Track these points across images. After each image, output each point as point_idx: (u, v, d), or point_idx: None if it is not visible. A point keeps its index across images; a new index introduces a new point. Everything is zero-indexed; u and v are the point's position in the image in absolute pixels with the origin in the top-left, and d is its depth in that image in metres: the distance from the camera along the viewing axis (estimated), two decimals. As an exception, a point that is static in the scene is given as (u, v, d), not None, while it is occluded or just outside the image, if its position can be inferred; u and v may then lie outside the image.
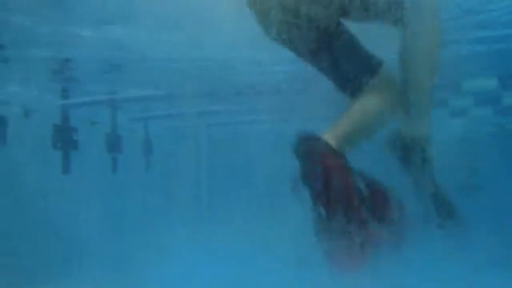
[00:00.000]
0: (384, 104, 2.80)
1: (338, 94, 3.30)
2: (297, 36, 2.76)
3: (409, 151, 3.04)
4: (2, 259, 3.83)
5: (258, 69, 4.96)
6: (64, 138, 6.15)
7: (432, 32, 2.68)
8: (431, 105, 3.15)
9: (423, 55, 2.72)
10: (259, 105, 6.51)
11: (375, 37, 2.96)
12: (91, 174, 6.08)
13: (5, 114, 5.16)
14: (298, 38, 2.79)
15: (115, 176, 6.72)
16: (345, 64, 2.86)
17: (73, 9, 4.12)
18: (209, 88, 5.79)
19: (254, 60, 4.55)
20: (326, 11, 2.68)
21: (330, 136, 2.69)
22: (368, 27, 2.88)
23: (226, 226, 4.05)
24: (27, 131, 5.72)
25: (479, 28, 4.91)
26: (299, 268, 2.99)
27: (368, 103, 2.79)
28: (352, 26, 2.89)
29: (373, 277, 2.73)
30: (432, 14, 2.66)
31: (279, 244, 3.34)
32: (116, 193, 6.11)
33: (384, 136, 3.17)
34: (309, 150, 2.69)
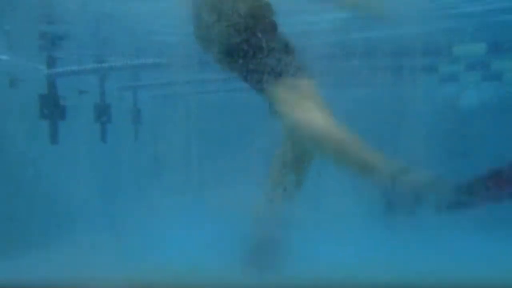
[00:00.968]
0: None
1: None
2: None
3: None
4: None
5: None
6: (52, 108, 6.07)
7: None
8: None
9: None
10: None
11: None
12: (79, 143, 6.03)
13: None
14: None
15: (104, 145, 6.68)
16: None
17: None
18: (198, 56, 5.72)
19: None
20: None
21: None
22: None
23: (215, 191, 4.07)
24: (13, 101, 5.64)
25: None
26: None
27: None
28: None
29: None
30: None
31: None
32: (106, 162, 6.08)
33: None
34: None
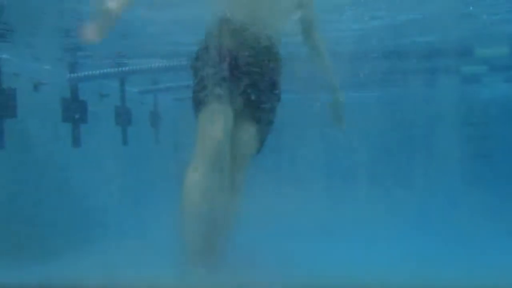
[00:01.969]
0: None
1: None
2: None
3: None
4: (21, 229, 3.86)
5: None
6: (74, 111, 6.12)
7: None
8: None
9: None
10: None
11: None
12: (101, 147, 6.06)
13: (15, 87, 5.13)
14: None
15: (125, 148, 6.72)
16: None
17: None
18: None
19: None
20: None
21: None
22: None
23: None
24: (37, 105, 5.69)
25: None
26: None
27: None
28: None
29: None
30: None
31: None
32: (128, 165, 6.10)
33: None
34: None
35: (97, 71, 6.28)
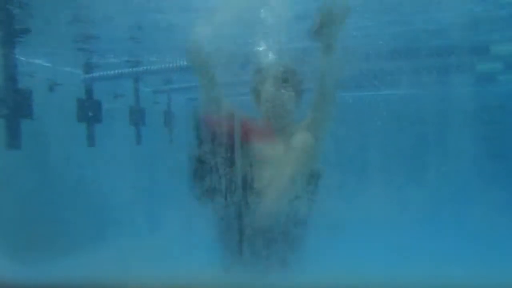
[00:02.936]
0: None
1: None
2: None
3: None
4: (37, 227, 3.91)
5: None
6: (88, 111, 6.19)
7: None
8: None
9: None
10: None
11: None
12: (116, 146, 6.12)
13: (30, 87, 5.19)
14: None
15: (139, 148, 6.76)
16: None
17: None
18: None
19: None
20: None
21: None
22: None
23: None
24: (52, 105, 5.76)
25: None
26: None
27: None
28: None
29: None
30: None
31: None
32: (141, 165, 6.15)
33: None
34: None
35: (111, 72, 6.33)
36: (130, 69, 6.48)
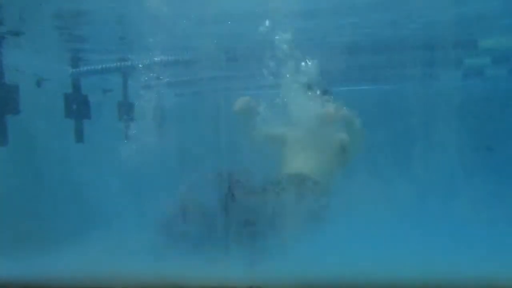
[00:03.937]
0: None
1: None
2: None
3: None
4: (23, 223, 3.88)
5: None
6: (76, 107, 6.14)
7: None
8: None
9: None
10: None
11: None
12: (104, 142, 6.08)
13: (17, 83, 5.14)
14: None
15: (128, 144, 6.72)
16: None
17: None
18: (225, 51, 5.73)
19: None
20: None
21: None
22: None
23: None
24: (39, 100, 5.71)
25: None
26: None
27: None
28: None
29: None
30: None
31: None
32: (131, 160, 6.12)
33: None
34: None
35: (99, 66, 6.28)
36: (118, 63, 6.43)
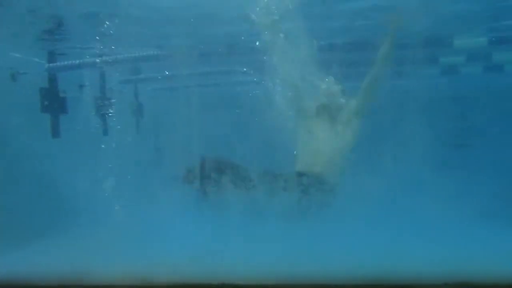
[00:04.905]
0: None
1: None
2: None
3: None
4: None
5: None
6: (53, 101, 6.05)
7: None
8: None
9: None
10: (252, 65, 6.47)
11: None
12: (81, 137, 6.03)
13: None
14: None
15: (106, 138, 6.67)
16: None
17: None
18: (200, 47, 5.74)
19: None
20: None
21: None
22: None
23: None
24: (15, 95, 5.64)
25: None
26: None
27: None
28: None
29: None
30: None
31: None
32: (108, 155, 6.08)
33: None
34: None
35: (77, 61, 6.21)
36: (95, 58, 6.37)
